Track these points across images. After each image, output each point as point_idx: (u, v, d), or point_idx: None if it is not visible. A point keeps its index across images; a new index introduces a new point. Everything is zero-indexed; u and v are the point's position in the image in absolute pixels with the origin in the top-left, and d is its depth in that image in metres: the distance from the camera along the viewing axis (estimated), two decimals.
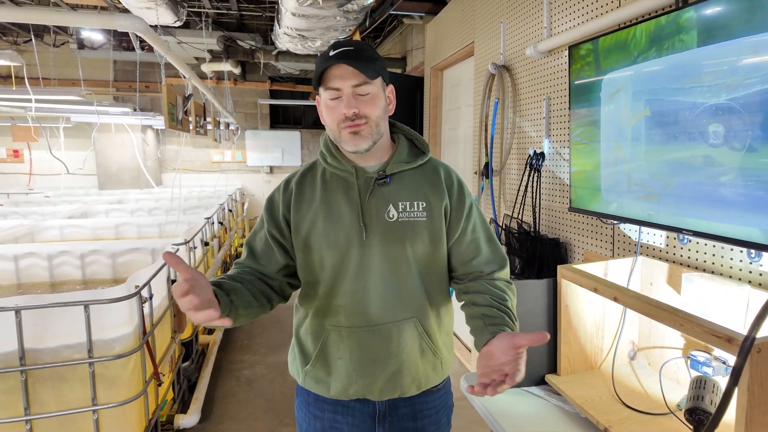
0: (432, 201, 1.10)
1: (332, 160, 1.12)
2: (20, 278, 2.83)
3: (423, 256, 1.09)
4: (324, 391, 1.12)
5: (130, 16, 2.04)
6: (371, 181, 1.09)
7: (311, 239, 1.08)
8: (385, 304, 1.07)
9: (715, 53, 1.15)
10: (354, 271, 1.06)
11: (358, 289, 1.06)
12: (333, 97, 1.04)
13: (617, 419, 1.26)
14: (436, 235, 1.09)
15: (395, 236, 1.06)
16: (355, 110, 1.02)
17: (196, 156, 7.97)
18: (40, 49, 6.37)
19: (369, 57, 1.03)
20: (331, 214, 1.08)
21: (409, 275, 1.08)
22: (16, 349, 1.71)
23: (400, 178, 1.11)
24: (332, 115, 1.05)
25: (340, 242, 1.06)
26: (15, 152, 7.34)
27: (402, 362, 1.09)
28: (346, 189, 1.09)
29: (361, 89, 1.03)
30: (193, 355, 3.04)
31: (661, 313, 1.09)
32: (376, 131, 1.06)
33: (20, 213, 4.30)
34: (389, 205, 1.08)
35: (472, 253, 1.13)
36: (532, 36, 2.37)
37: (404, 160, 1.12)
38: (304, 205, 1.10)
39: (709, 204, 1.20)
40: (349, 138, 1.04)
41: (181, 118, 3.36)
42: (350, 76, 1.01)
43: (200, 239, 3.41)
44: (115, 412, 1.85)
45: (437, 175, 1.13)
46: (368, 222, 1.06)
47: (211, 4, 4.88)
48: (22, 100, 4.71)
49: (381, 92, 1.07)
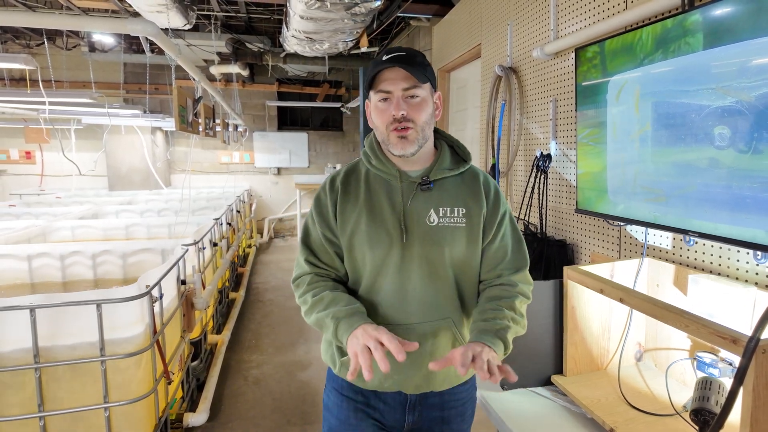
0: (472, 207, 1.13)
1: (377, 162, 1.15)
2: (33, 278, 2.87)
3: (459, 260, 1.12)
4: (360, 383, 1.16)
5: (142, 20, 2.07)
6: (414, 185, 1.12)
7: (355, 238, 1.11)
8: (422, 305, 1.10)
9: (721, 56, 1.15)
10: (394, 271, 1.09)
11: (397, 288, 1.10)
12: (383, 98, 1.07)
13: (623, 420, 1.26)
14: (474, 240, 1.13)
15: (435, 240, 1.10)
16: (403, 112, 1.05)
17: (205, 157, 8.03)
18: (53, 52, 6.46)
19: (420, 63, 1.07)
20: (374, 215, 1.11)
21: (446, 278, 1.11)
22: (31, 347, 1.74)
23: (441, 184, 1.14)
24: (381, 116, 1.08)
25: (382, 243, 1.09)
26: (27, 154, 7.44)
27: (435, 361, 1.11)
28: (389, 191, 1.13)
29: (410, 92, 1.06)
30: (202, 354, 3.08)
31: (667, 315, 1.10)
32: (422, 136, 1.09)
33: (32, 213, 4.36)
34: (430, 210, 1.11)
35: (499, 258, 1.16)
36: (539, 38, 2.38)
37: (447, 167, 1.15)
38: (349, 205, 1.13)
39: (715, 206, 1.20)
40: (396, 141, 1.07)
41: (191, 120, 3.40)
42: (401, 80, 1.05)
43: (209, 240, 3.44)
44: (126, 410, 1.88)
45: (477, 183, 1.17)
46: (409, 225, 1.10)
47: (220, 7, 4.93)
48: (35, 102, 4.78)
49: (430, 98, 1.10)
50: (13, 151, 7.41)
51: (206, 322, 3.28)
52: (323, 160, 8.40)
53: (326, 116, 8.53)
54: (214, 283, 3.28)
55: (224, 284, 4.22)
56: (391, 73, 1.06)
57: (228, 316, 4.15)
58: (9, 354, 1.76)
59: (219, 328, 3.84)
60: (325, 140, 8.44)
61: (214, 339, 3.48)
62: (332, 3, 3.05)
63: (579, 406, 1.37)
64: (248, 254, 6.54)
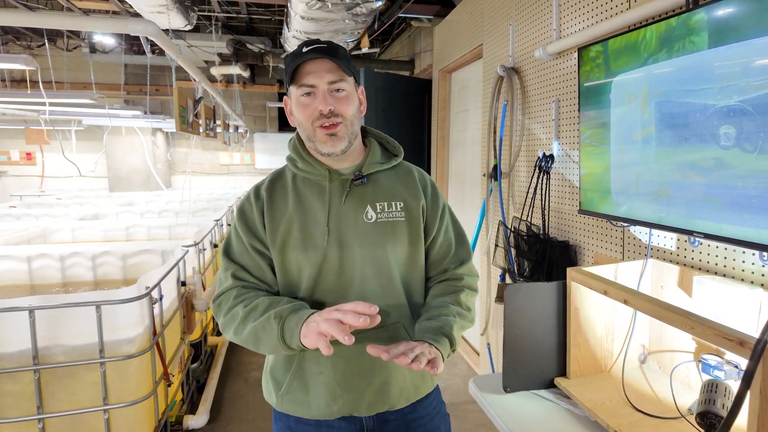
0: (409, 201, 1.08)
1: (303, 165, 1.08)
2: (33, 279, 2.86)
3: (404, 257, 1.07)
4: (304, 413, 1.05)
5: (143, 20, 2.06)
6: (347, 182, 1.06)
7: (287, 247, 1.03)
8: None
9: (726, 55, 1.14)
10: (334, 277, 1.02)
11: (339, 296, 1.02)
12: (306, 93, 1.00)
13: (627, 423, 1.25)
14: (416, 236, 1.08)
15: (375, 238, 1.03)
16: (331, 107, 0.99)
17: (205, 158, 8.03)
18: (53, 53, 6.47)
19: (344, 55, 1.01)
20: (306, 220, 1.04)
21: (392, 279, 1.05)
22: (30, 349, 1.73)
23: (375, 179, 1.09)
24: (305, 112, 1.01)
25: (317, 248, 1.02)
26: (28, 155, 7.44)
27: (389, 372, 1.04)
28: (320, 193, 1.06)
29: (336, 86, 1.00)
30: (202, 356, 3.07)
31: (672, 316, 1.08)
32: (351, 131, 1.03)
33: (33, 214, 4.36)
34: (367, 206, 1.05)
35: (444, 252, 1.12)
36: (541, 38, 2.37)
37: (378, 161, 1.11)
38: (277, 213, 1.05)
39: (720, 206, 1.19)
40: (325, 139, 1.01)
41: (192, 121, 3.39)
42: (326, 72, 0.99)
43: (209, 241, 3.43)
44: (126, 412, 1.87)
45: (411, 177, 1.12)
46: (346, 224, 1.03)
47: (220, 8, 4.93)
48: (36, 103, 4.78)
49: (355, 92, 1.05)
50: (14, 152, 7.42)
51: (206, 323, 3.27)
52: None
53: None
54: (215, 284, 3.27)
55: None
56: (314, 65, 0.99)
57: None
58: (8, 356, 1.75)
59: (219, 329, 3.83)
60: None
61: (215, 341, 3.47)
62: (333, 3, 3.04)
63: (582, 408, 1.36)
64: None
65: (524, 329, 1.46)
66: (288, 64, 1.01)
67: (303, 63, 0.99)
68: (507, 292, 1.41)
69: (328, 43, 1.02)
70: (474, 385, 1.54)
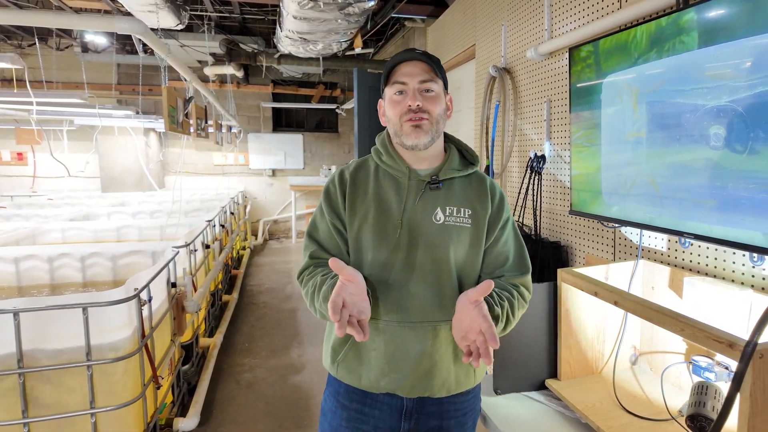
0: (478, 209, 1.13)
1: (387, 158, 1.15)
2: (21, 280, 2.83)
3: (463, 260, 1.11)
4: (355, 381, 1.14)
5: (130, 19, 2.04)
6: (423, 183, 1.12)
7: (362, 233, 1.11)
8: (424, 303, 1.09)
9: (716, 55, 1.14)
10: (398, 268, 1.09)
11: (400, 285, 1.09)
12: (399, 91, 1.09)
13: (618, 425, 1.24)
14: (477, 242, 1.12)
15: (440, 239, 1.10)
16: (419, 103, 1.07)
17: (199, 159, 7.98)
18: (45, 52, 6.41)
19: (437, 62, 1.10)
20: (382, 210, 1.11)
21: (449, 278, 1.10)
22: (15, 352, 1.71)
23: (450, 184, 1.14)
24: (396, 108, 1.10)
25: (388, 239, 1.09)
26: (19, 155, 7.37)
27: (435, 362, 1.10)
28: (398, 188, 1.13)
29: (426, 86, 1.08)
30: (194, 357, 3.04)
31: (662, 318, 1.08)
32: (435, 129, 1.10)
33: (23, 215, 4.31)
34: (437, 209, 1.11)
35: (500, 263, 1.15)
36: (533, 38, 2.36)
37: (455, 167, 1.16)
38: (358, 198, 1.13)
39: (710, 207, 1.19)
40: (410, 131, 1.08)
41: (182, 121, 3.36)
42: (418, 72, 1.08)
43: (201, 242, 3.40)
44: (113, 415, 1.84)
45: (483, 186, 1.17)
46: (416, 223, 1.10)
47: (213, 7, 4.90)
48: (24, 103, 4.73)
49: (443, 96, 1.12)
50: (5, 152, 7.34)
51: (198, 325, 3.24)
52: (318, 162, 8.37)
53: (321, 118, 8.51)
54: (206, 285, 3.24)
55: (217, 287, 4.18)
56: (409, 67, 1.08)
57: (221, 318, 4.11)
58: None
59: (211, 331, 3.80)
60: (321, 142, 8.41)
61: (206, 342, 3.44)
62: (325, 3, 3.03)
63: (573, 410, 1.35)
64: (242, 256, 6.50)
65: (515, 330, 1.44)
66: (387, 65, 1.11)
67: (399, 64, 1.09)
68: None
69: (424, 51, 1.11)
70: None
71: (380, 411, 1.14)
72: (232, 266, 5.52)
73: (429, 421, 1.14)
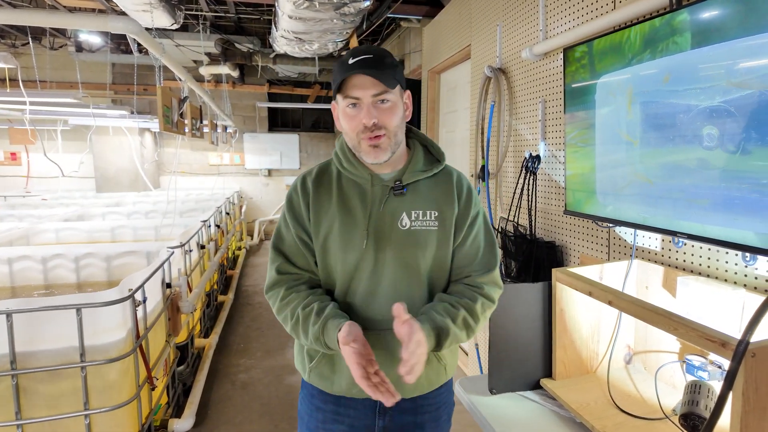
0: (444, 210, 1.12)
1: (348, 166, 1.13)
2: (14, 281, 2.81)
3: (432, 264, 1.11)
4: (328, 388, 1.14)
5: (124, 18, 2.03)
6: (387, 189, 1.10)
7: (329, 242, 1.10)
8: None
9: (708, 55, 1.14)
10: (367, 275, 1.08)
11: (369, 293, 1.09)
12: (352, 104, 1.04)
13: (612, 424, 1.25)
14: (445, 243, 1.11)
15: (408, 244, 1.08)
16: (375, 120, 1.03)
17: (194, 159, 7.95)
18: (38, 51, 6.37)
19: (389, 64, 1.04)
20: (347, 218, 1.09)
21: (419, 283, 1.10)
22: (8, 353, 1.70)
23: (415, 187, 1.12)
24: (351, 123, 1.06)
25: (355, 247, 1.08)
26: (12, 155, 7.32)
27: None
28: (362, 195, 1.11)
29: (381, 97, 1.03)
30: (189, 358, 3.03)
31: (656, 317, 1.08)
32: (394, 142, 1.07)
33: (16, 216, 4.28)
34: (402, 214, 1.10)
35: (470, 259, 1.14)
36: (528, 39, 2.37)
37: (420, 168, 1.14)
38: (322, 209, 1.11)
39: (703, 207, 1.19)
40: (369, 150, 1.05)
41: (177, 121, 3.35)
42: (370, 86, 1.02)
43: (196, 242, 3.39)
44: (108, 417, 1.83)
45: (450, 184, 1.15)
46: (382, 229, 1.08)
47: (208, 7, 4.88)
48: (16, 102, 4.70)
49: (399, 100, 1.08)
50: None
51: (193, 325, 3.23)
52: (314, 162, 8.35)
53: (317, 117, 8.50)
54: (202, 286, 3.23)
55: (212, 287, 4.17)
56: (359, 79, 1.02)
57: (216, 319, 4.10)
58: None
59: (207, 331, 3.79)
60: (316, 141, 8.40)
61: (202, 343, 3.43)
62: (321, 3, 3.02)
63: (568, 410, 1.35)
64: (238, 257, 6.48)
65: (510, 330, 1.45)
66: (335, 74, 1.05)
67: (350, 76, 1.02)
68: None
69: (375, 52, 1.04)
70: (460, 386, 1.53)
71: (355, 410, 1.15)
72: (227, 266, 5.51)
73: (403, 417, 1.16)
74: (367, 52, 1.03)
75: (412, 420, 1.16)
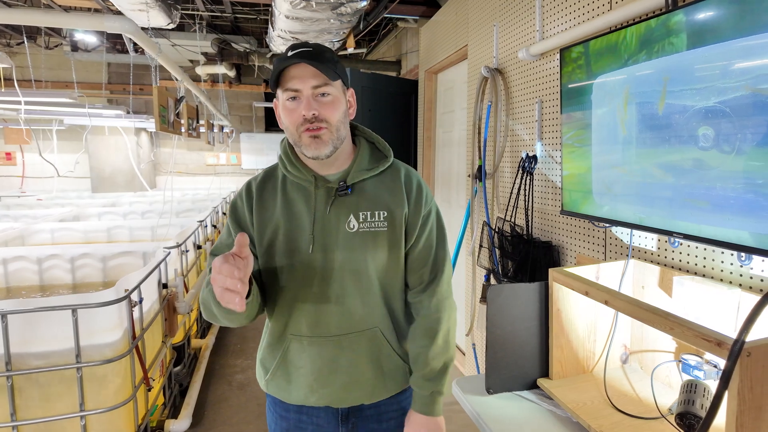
0: (393, 210, 1.07)
1: (292, 168, 1.08)
2: (9, 282, 2.80)
3: (383, 266, 1.07)
4: (286, 398, 1.13)
5: (120, 17, 2.02)
6: (332, 191, 1.06)
7: (274, 248, 1.06)
8: (346, 315, 1.05)
9: (704, 56, 1.15)
10: (317, 283, 1.05)
11: (320, 300, 1.05)
12: (291, 97, 1.00)
13: (609, 423, 1.25)
14: (396, 245, 1.08)
15: (356, 247, 1.04)
16: (314, 112, 0.98)
17: (191, 159, 7.94)
18: (33, 51, 6.34)
19: (329, 59, 1.00)
20: (293, 224, 1.05)
21: (371, 286, 1.07)
22: (2, 354, 1.69)
23: (360, 187, 1.08)
24: (291, 117, 1.01)
25: (301, 253, 1.04)
26: (7, 155, 7.29)
27: (362, 372, 1.08)
28: (307, 198, 1.06)
29: (321, 90, 0.99)
30: (185, 359, 3.02)
31: (652, 317, 1.08)
32: (336, 136, 1.02)
33: (11, 216, 4.26)
34: (350, 216, 1.05)
35: (423, 260, 1.12)
36: (525, 39, 2.37)
37: (366, 167, 1.09)
38: (266, 214, 1.07)
39: (699, 207, 1.20)
40: (309, 142, 1.00)
41: (173, 121, 3.34)
42: (310, 77, 0.98)
43: (192, 242, 3.38)
44: (103, 418, 1.83)
45: (398, 182, 1.10)
46: (329, 232, 1.04)
47: (205, 6, 4.87)
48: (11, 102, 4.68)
49: (342, 95, 1.04)
50: None
51: (189, 326, 3.22)
52: None
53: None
54: (198, 286, 3.22)
55: None
56: (298, 70, 0.98)
57: None
58: None
59: (203, 332, 3.78)
60: None
61: (198, 343, 3.42)
62: (318, 3, 3.02)
63: (565, 409, 1.35)
64: None
65: (507, 330, 1.45)
66: (274, 68, 1.00)
67: (288, 67, 0.98)
68: (489, 293, 1.40)
69: (315, 46, 1.00)
70: (457, 386, 1.53)
71: (318, 418, 1.13)
72: None
73: (367, 424, 1.14)
74: (306, 45, 1.00)
75: (377, 427, 1.14)
